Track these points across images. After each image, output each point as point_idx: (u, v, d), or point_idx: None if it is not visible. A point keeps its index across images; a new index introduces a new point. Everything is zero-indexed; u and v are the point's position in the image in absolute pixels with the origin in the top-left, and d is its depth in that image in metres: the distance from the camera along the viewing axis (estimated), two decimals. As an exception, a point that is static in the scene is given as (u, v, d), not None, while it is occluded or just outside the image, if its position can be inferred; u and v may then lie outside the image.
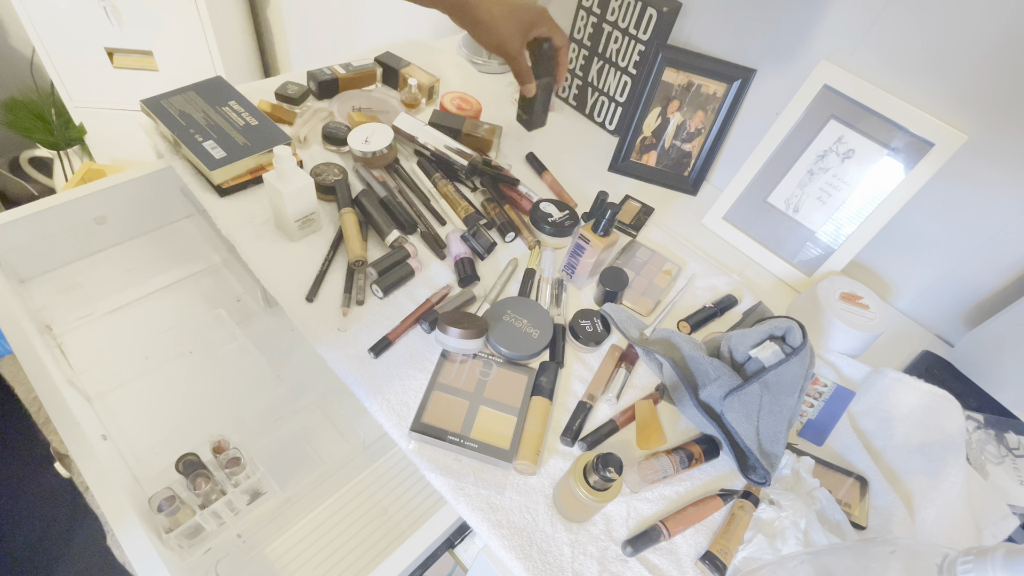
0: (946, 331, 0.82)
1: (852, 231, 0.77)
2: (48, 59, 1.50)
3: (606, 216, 0.67)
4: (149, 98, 0.78)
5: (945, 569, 0.35)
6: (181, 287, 0.97)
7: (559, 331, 0.69)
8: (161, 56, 1.54)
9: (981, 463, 0.65)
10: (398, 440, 0.59)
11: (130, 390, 0.84)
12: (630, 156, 0.94)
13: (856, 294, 0.74)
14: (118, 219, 0.91)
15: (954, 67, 0.66)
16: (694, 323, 0.73)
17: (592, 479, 0.50)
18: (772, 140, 0.81)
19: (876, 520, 0.60)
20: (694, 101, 0.88)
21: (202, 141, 0.75)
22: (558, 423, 0.63)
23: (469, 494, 0.56)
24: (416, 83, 0.94)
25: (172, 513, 0.67)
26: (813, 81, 0.76)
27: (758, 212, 0.85)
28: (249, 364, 0.88)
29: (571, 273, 0.75)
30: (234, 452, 0.75)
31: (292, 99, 0.91)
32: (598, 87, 1.00)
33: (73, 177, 1.73)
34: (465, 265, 0.72)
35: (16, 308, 0.74)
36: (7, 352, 1.50)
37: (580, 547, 0.54)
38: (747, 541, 0.56)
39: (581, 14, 0.96)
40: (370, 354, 0.64)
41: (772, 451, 0.58)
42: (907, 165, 0.72)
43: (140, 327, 0.90)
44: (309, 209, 0.71)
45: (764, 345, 0.60)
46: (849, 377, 0.71)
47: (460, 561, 0.71)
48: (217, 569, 0.74)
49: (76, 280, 0.90)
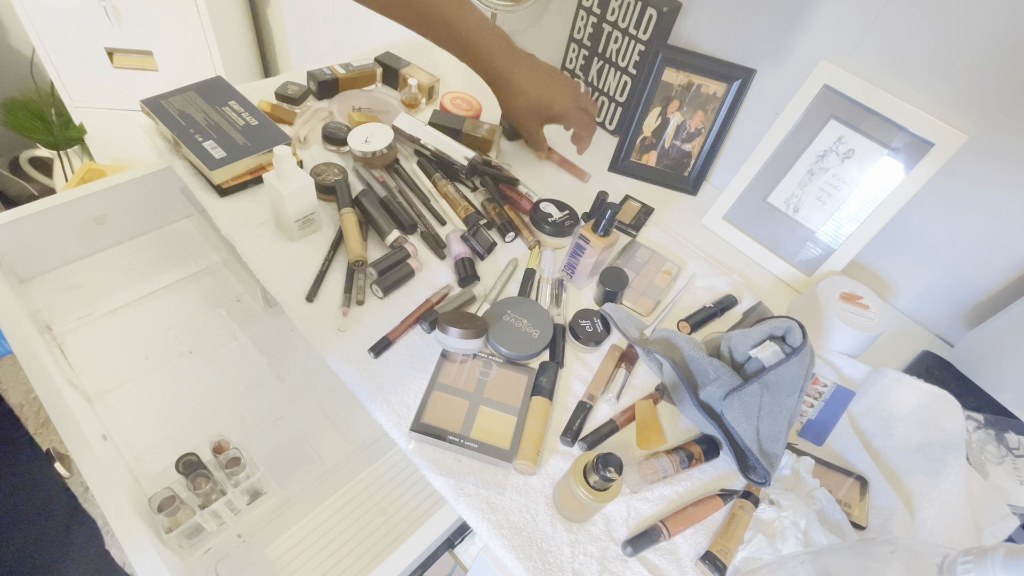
0: (946, 331, 0.82)
1: (852, 231, 0.77)
2: (48, 59, 1.50)
3: (606, 216, 0.67)
4: (149, 98, 0.78)
5: (945, 569, 0.35)
6: (181, 287, 0.97)
7: (559, 331, 0.69)
8: (161, 56, 1.54)
9: (981, 463, 0.65)
10: (398, 440, 0.59)
11: (130, 390, 0.84)
12: (630, 156, 0.94)
13: (856, 294, 0.74)
14: (118, 219, 0.91)
15: (954, 67, 0.66)
16: (694, 323, 0.73)
17: (592, 479, 0.50)
18: (772, 140, 0.81)
19: (876, 520, 0.60)
20: (694, 101, 0.88)
21: (202, 141, 0.75)
22: (558, 423, 0.63)
23: (469, 494, 0.56)
24: (416, 83, 0.94)
25: (172, 513, 0.67)
26: (813, 81, 0.76)
27: (758, 212, 0.85)
28: (249, 364, 0.88)
29: (571, 273, 0.75)
30: (234, 452, 0.75)
31: (292, 99, 0.91)
32: (598, 87, 1.00)
33: (73, 177, 1.73)
34: (465, 265, 0.72)
35: (16, 308, 0.74)
36: (7, 352, 1.50)
37: (580, 547, 0.54)
38: (747, 541, 0.56)
39: (581, 14, 0.96)
40: (370, 354, 0.64)
41: (772, 451, 0.58)
42: (907, 165, 0.72)
43: (140, 327, 0.91)
44: (309, 209, 0.71)
45: (764, 345, 0.60)
46: (849, 377, 0.71)
47: (460, 561, 0.71)
48: (217, 569, 0.74)
49: (76, 280, 0.90)
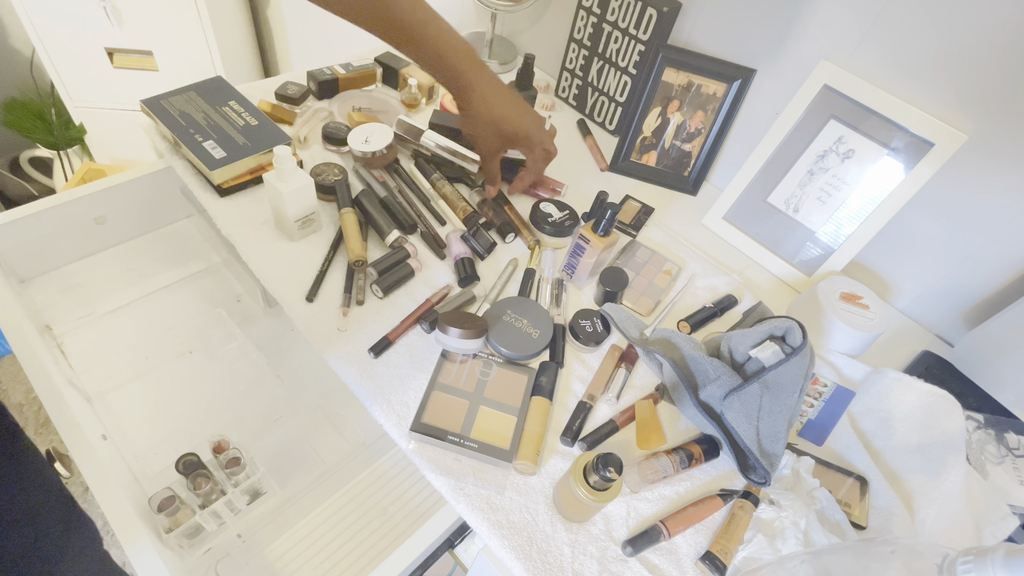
0: (946, 331, 0.82)
1: (852, 231, 0.77)
2: (48, 59, 1.50)
3: (606, 216, 0.67)
4: (149, 98, 0.78)
5: (945, 569, 0.35)
6: (181, 287, 0.97)
7: (559, 331, 0.69)
8: (161, 56, 1.54)
9: (981, 463, 0.65)
10: (398, 440, 0.59)
11: (130, 390, 0.84)
12: (630, 156, 0.94)
13: (856, 294, 0.74)
14: (118, 219, 0.91)
15: (954, 67, 0.66)
16: (694, 323, 0.73)
17: (592, 479, 0.50)
18: (772, 140, 0.81)
19: (876, 520, 0.60)
20: (694, 101, 0.88)
21: (202, 141, 0.75)
22: (558, 423, 0.63)
23: (469, 494, 0.56)
24: (416, 83, 0.94)
25: (172, 513, 0.67)
26: (813, 81, 0.76)
27: (758, 212, 0.85)
28: (249, 364, 0.89)
29: (571, 273, 0.75)
30: (234, 452, 0.75)
31: (292, 99, 0.91)
32: (598, 87, 1.00)
33: (73, 177, 1.73)
34: (465, 265, 0.72)
35: (16, 308, 0.74)
36: (7, 352, 1.50)
37: (580, 547, 0.54)
38: (747, 541, 0.56)
39: (581, 14, 0.96)
40: (370, 354, 0.64)
41: (772, 451, 0.58)
42: (907, 165, 0.72)
43: (140, 327, 0.91)
44: (309, 209, 0.71)
45: (764, 345, 0.60)
46: (849, 377, 0.71)
47: (460, 561, 0.71)
48: (217, 569, 0.74)
49: (76, 280, 0.90)
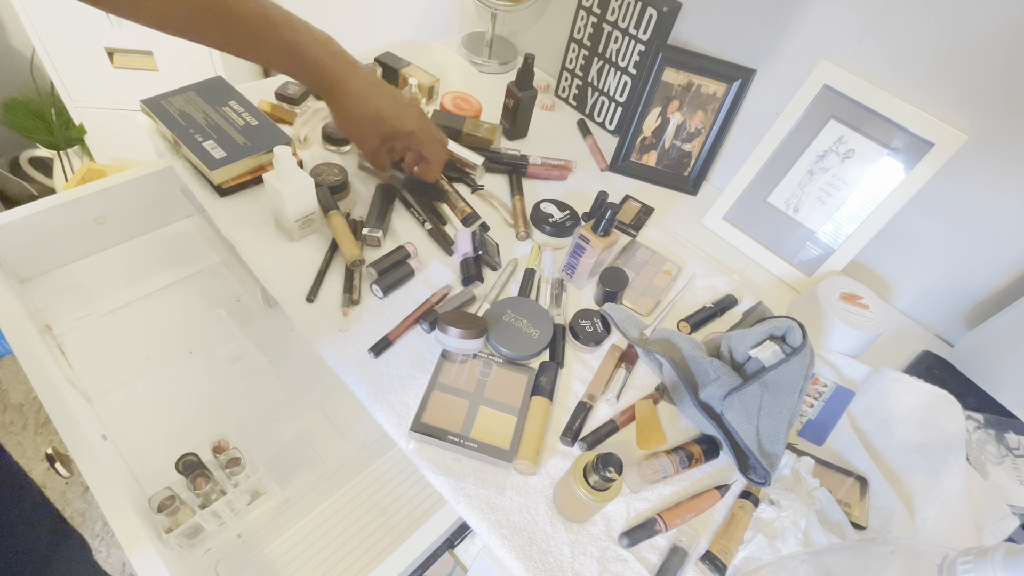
0: (946, 331, 0.82)
1: (852, 231, 0.77)
2: (48, 59, 1.50)
3: (606, 216, 0.67)
4: (149, 98, 0.78)
5: (945, 569, 0.35)
6: (181, 287, 0.97)
7: (559, 331, 0.69)
8: (161, 56, 1.54)
9: (981, 463, 0.65)
10: (398, 440, 0.59)
11: (130, 390, 0.84)
12: (630, 156, 0.94)
13: (856, 294, 0.74)
14: (118, 219, 0.91)
15: (954, 67, 0.66)
16: (694, 323, 0.73)
17: (592, 479, 0.50)
18: (772, 140, 0.81)
19: (876, 520, 0.60)
20: (694, 101, 0.88)
21: (202, 141, 0.75)
22: (558, 423, 0.63)
23: (469, 494, 0.56)
24: (416, 83, 0.94)
25: (172, 513, 0.67)
26: (813, 81, 0.76)
27: (758, 212, 0.85)
28: (249, 364, 0.88)
29: (571, 273, 0.75)
30: (234, 452, 0.75)
31: (292, 99, 0.91)
32: (598, 87, 1.00)
33: (73, 177, 1.73)
34: (470, 264, 0.72)
35: (16, 308, 0.73)
36: (7, 352, 1.50)
37: (580, 547, 0.54)
38: (747, 541, 0.56)
39: (581, 14, 0.96)
40: (370, 354, 0.64)
41: (772, 451, 0.58)
42: (907, 165, 0.72)
43: (140, 327, 0.91)
44: (309, 209, 0.71)
45: (764, 345, 0.60)
46: (849, 377, 0.71)
47: (460, 561, 0.71)
48: (217, 569, 0.74)
49: (76, 280, 0.90)
